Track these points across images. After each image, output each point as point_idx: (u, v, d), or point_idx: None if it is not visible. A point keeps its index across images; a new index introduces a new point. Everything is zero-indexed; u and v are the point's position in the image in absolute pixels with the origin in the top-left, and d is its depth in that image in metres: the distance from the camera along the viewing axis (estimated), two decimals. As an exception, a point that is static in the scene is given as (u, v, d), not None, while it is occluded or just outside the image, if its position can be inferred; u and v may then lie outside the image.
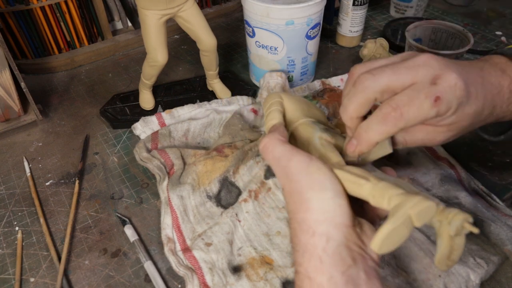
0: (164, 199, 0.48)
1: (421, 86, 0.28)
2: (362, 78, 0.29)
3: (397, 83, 0.28)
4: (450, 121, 0.30)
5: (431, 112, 0.28)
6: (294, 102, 0.38)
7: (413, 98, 0.27)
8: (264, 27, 0.59)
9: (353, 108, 0.30)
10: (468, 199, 0.46)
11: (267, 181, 0.48)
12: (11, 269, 0.44)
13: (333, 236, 0.26)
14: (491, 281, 0.41)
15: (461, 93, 0.28)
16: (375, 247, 0.25)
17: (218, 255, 0.43)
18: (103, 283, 0.43)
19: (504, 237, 0.42)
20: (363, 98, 0.29)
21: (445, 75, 0.28)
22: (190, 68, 0.75)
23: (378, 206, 0.27)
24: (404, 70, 0.28)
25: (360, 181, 0.28)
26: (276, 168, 0.31)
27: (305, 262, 0.26)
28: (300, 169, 0.29)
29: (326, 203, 0.27)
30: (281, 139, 0.32)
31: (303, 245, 0.27)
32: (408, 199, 0.25)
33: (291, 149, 0.30)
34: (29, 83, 0.62)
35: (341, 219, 0.27)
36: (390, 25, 0.82)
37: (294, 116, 0.37)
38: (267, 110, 0.38)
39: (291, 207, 0.29)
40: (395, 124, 0.28)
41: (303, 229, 0.27)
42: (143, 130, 0.57)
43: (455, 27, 0.62)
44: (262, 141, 0.32)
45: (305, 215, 0.27)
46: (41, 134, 0.62)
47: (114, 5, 0.79)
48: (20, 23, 0.70)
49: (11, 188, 0.53)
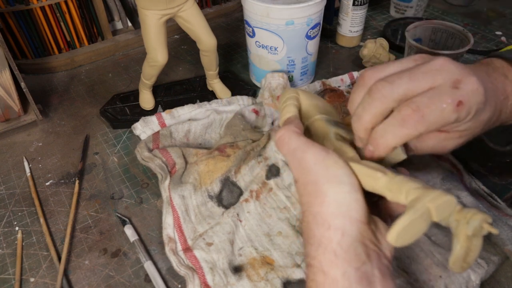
0: (166, 199, 0.48)
1: (443, 90, 0.27)
2: (379, 86, 0.28)
3: (415, 90, 0.27)
4: (465, 127, 0.29)
5: (452, 117, 0.27)
6: (310, 98, 0.38)
7: (435, 100, 0.26)
8: (264, 27, 0.59)
9: (369, 117, 0.28)
10: (469, 199, 0.46)
11: (269, 181, 0.48)
12: (11, 269, 0.44)
13: (348, 231, 0.26)
14: (491, 281, 0.41)
15: (481, 98, 0.27)
16: (391, 239, 0.24)
17: (219, 255, 0.43)
18: (103, 283, 0.43)
19: (505, 237, 0.42)
20: (380, 107, 0.28)
21: (467, 80, 0.27)
22: (190, 68, 0.75)
23: (395, 200, 0.26)
24: (421, 75, 0.27)
25: (376, 175, 0.27)
26: (291, 159, 0.30)
27: (319, 256, 0.26)
28: (316, 162, 0.28)
29: (343, 196, 0.26)
30: (297, 131, 0.31)
31: (318, 238, 0.26)
32: (427, 193, 0.24)
33: (307, 141, 0.30)
34: (29, 83, 0.61)
35: (357, 214, 0.26)
36: (390, 25, 0.82)
37: (309, 112, 0.37)
38: (283, 104, 0.37)
39: (305, 199, 0.28)
40: (415, 127, 0.26)
41: (318, 222, 0.27)
42: (143, 130, 0.57)
43: (455, 27, 0.62)
44: (278, 133, 0.32)
45: (321, 208, 0.27)
46: (41, 134, 0.62)
47: (114, 5, 0.79)
48: (20, 23, 0.70)
49: (11, 188, 0.53)
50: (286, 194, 0.47)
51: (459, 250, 0.25)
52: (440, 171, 0.50)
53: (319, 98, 0.39)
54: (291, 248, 0.43)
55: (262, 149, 0.51)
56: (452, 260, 0.25)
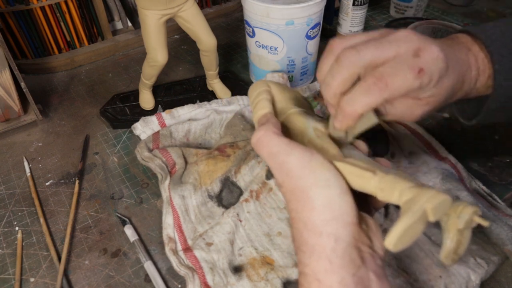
0: (166, 199, 0.48)
1: (404, 58, 0.28)
2: (347, 53, 0.29)
3: (381, 57, 0.28)
4: (430, 93, 0.30)
5: (415, 83, 0.28)
6: (282, 91, 0.36)
7: (397, 69, 0.28)
8: (264, 27, 0.59)
9: (337, 84, 0.29)
10: (469, 199, 0.46)
11: (269, 181, 0.48)
12: (11, 269, 0.44)
13: (342, 236, 0.25)
14: (491, 281, 0.41)
15: (442, 65, 0.29)
16: (389, 245, 0.23)
17: (219, 255, 0.43)
18: (103, 283, 0.43)
19: (505, 237, 0.42)
20: (347, 73, 0.29)
21: (427, 48, 0.28)
22: (190, 68, 0.75)
23: (386, 200, 0.26)
24: (387, 44, 0.29)
25: (365, 174, 0.26)
26: (273, 164, 0.29)
27: (312, 263, 0.25)
28: (301, 165, 0.27)
29: (333, 201, 0.26)
30: (276, 132, 0.30)
31: (310, 246, 0.26)
32: (422, 193, 0.24)
33: (288, 143, 0.29)
34: (29, 83, 0.61)
35: (348, 217, 0.26)
36: (390, 25, 0.82)
37: (283, 105, 0.35)
38: (255, 100, 0.35)
39: (293, 205, 0.27)
40: (380, 94, 0.28)
41: (309, 229, 0.26)
42: (143, 130, 0.57)
43: (455, 27, 0.62)
44: (255, 135, 0.30)
45: (311, 214, 0.26)
46: (41, 134, 0.62)
47: (114, 5, 0.79)
48: (20, 23, 0.70)
49: (11, 188, 0.53)
50: (286, 194, 0.47)
51: (450, 244, 0.25)
52: (440, 171, 0.50)
53: (291, 89, 0.38)
54: (291, 248, 0.43)
55: (262, 149, 0.51)
56: (444, 254, 0.25)
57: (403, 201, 0.24)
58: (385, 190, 0.25)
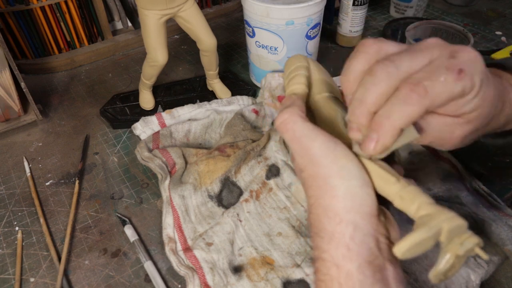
0: (166, 199, 0.48)
1: (441, 61, 0.25)
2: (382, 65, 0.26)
3: (415, 67, 0.25)
4: (473, 106, 0.27)
5: (456, 87, 0.24)
6: (320, 72, 0.34)
7: (434, 72, 0.25)
8: (264, 27, 0.59)
9: (374, 99, 0.25)
10: (469, 199, 0.46)
11: (269, 181, 0.48)
12: (11, 269, 0.44)
13: (360, 225, 0.25)
14: (491, 281, 0.41)
15: (482, 67, 0.26)
16: (398, 253, 0.24)
17: (219, 255, 0.43)
18: (103, 283, 0.43)
19: (505, 237, 0.42)
20: (385, 87, 0.25)
21: (462, 49, 0.26)
22: (190, 68, 0.75)
23: (403, 208, 0.26)
24: (419, 52, 0.26)
25: (389, 178, 0.26)
26: (296, 148, 0.28)
27: (331, 249, 0.26)
28: (325, 153, 0.27)
29: (354, 191, 0.26)
30: (302, 115, 0.29)
31: (329, 232, 0.26)
32: (442, 212, 0.24)
33: (313, 129, 0.28)
34: (29, 83, 0.61)
35: (368, 208, 0.26)
36: (390, 25, 0.82)
37: (318, 86, 0.33)
38: (292, 73, 0.33)
39: (313, 192, 0.27)
40: (420, 103, 0.24)
41: (329, 216, 0.26)
42: (143, 130, 0.57)
43: (455, 27, 0.62)
44: (279, 117, 0.29)
45: (331, 201, 0.26)
46: (41, 134, 0.62)
47: (114, 5, 0.79)
48: (20, 23, 0.70)
49: (11, 188, 0.53)
50: (286, 194, 0.47)
51: (444, 265, 0.25)
52: (440, 171, 0.50)
53: (327, 73, 0.36)
54: (291, 248, 0.43)
55: (262, 149, 0.51)
56: (435, 273, 0.25)
57: (420, 215, 0.25)
58: (404, 199, 0.25)
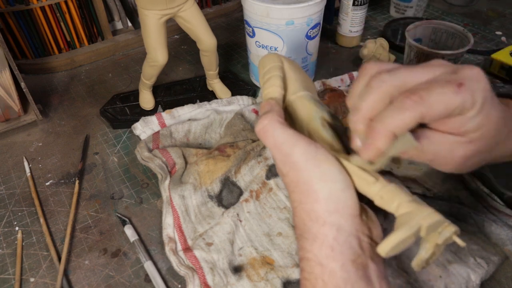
0: (166, 199, 0.48)
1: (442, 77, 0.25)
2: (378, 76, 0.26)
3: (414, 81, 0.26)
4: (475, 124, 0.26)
5: (455, 99, 0.24)
6: (295, 70, 0.34)
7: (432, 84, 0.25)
8: (264, 27, 0.59)
9: (368, 106, 0.26)
10: (469, 199, 0.46)
11: (269, 181, 0.48)
12: (11, 269, 0.44)
13: (343, 227, 0.26)
14: (491, 281, 0.41)
15: (485, 85, 0.25)
16: (382, 252, 0.25)
17: (219, 255, 0.43)
18: (103, 283, 0.43)
19: (505, 237, 0.42)
20: (379, 94, 0.26)
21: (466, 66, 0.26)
22: (190, 68, 0.75)
23: (383, 207, 0.27)
24: (420, 69, 0.26)
25: (369, 178, 0.27)
26: (277, 155, 0.29)
27: (315, 249, 0.26)
28: (306, 158, 0.27)
29: (337, 195, 0.27)
30: (281, 121, 0.29)
31: (313, 233, 0.27)
32: (420, 210, 0.25)
33: (293, 134, 0.28)
34: (29, 83, 0.61)
35: (351, 210, 0.27)
36: (390, 25, 0.82)
37: (293, 86, 0.33)
38: (266, 74, 0.33)
39: (297, 196, 0.28)
40: (414, 108, 0.24)
41: (312, 219, 0.27)
42: (143, 130, 0.57)
43: (455, 27, 0.62)
44: (259, 123, 0.29)
45: (314, 205, 0.27)
46: (41, 134, 0.62)
47: (114, 5, 0.79)
48: (20, 23, 0.70)
49: (11, 188, 0.53)
50: (286, 194, 0.47)
51: (425, 254, 0.26)
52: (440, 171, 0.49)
53: (302, 70, 0.35)
54: (291, 248, 0.43)
55: (262, 149, 0.51)
56: (417, 261, 0.27)
57: (400, 213, 0.26)
58: (384, 199, 0.27)
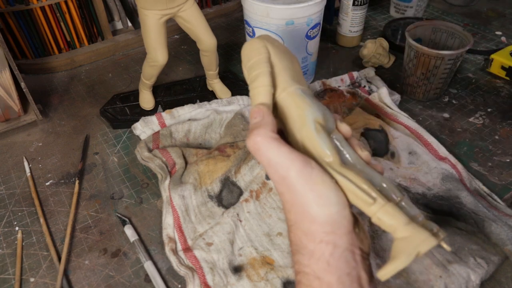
0: (166, 198, 0.48)
1: None
2: None
3: None
4: None
5: None
6: (281, 57, 0.31)
7: None
8: (264, 27, 0.59)
9: None
10: (469, 199, 0.46)
11: (269, 181, 0.48)
12: (11, 269, 0.44)
13: (339, 244, 0.27)
14: (491, 281, 0.41)
15: None
16: (382, 279, 0.26)
17: (219, 255, 0.43)
18: (103, 283, 0.43)
19: (505, 237, 0.42)
20: None
21: None
22: (190, 68, 0.75)
23: (381, 227, 0.28)
24: None
25: (367, 200, 0.27)
26: (272, 175, 0.28)
27: (312, 264, 0.27)
28: (302, 182, 0.27)
29: (333, 218, 0.27)
30: (274, 137, 0.28)
31: (310, 250, 0.27)
32: (417, 235, 0.26)
33: (288, 154, 0.27)
34: (29, 83, 0.61)
35: (345, 229, 0.27)
36: (390, 25, 0.82)
37: (282, 79, 0.30)
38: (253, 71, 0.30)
39: (292, 216, 0.28)
40: None
41: (309, 238, 0.27)
42: (143, 130, 0.57)
43: (455, 27, 0.62)
44: (251, 138, 0.28)
45: (311, 226, 0.27)
46: (41, 134, 0.62)
47: (114, 5, 0.79)
48: (20, 23, 0.70)
49: (11, 188, 0.53)
50: (286, 194, 0.47)
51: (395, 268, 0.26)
52: (440, 171, 0.50)
53: (287, 51, 0.33)
54: (291, 248, 0.43)
55: (262, 149, 0.51)
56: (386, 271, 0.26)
57: (397, 237, 0.27)
58: (382, 220, 0.27)
